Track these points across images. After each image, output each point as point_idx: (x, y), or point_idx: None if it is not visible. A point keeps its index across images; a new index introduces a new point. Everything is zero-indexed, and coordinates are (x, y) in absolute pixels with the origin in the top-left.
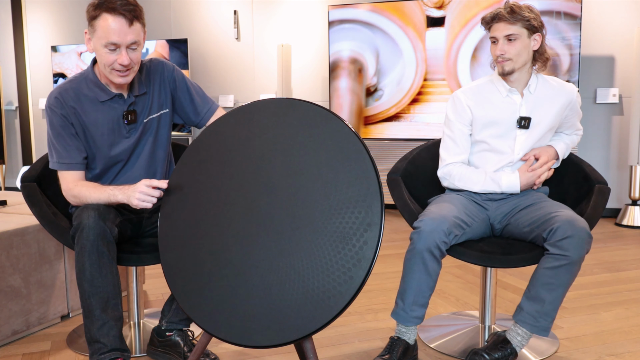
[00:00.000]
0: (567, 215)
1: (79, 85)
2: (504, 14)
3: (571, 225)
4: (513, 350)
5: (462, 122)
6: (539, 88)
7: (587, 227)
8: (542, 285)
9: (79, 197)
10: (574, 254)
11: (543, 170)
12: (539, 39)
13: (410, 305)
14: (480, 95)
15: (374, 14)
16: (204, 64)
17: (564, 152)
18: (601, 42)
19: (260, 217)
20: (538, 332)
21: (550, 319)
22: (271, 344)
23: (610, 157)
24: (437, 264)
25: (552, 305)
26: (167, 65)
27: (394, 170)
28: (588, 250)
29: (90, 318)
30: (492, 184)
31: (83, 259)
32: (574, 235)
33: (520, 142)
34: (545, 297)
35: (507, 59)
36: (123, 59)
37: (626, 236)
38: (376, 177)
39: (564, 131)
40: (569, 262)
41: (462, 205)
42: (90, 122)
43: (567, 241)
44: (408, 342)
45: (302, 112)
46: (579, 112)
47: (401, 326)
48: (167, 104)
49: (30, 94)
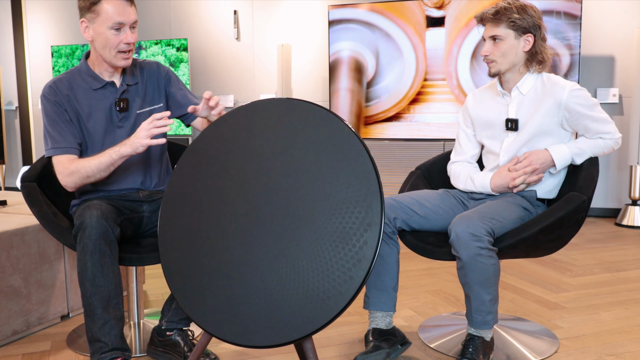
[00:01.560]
0: (463, 215)
1: (72, 76)
2: (488, 15)
3: (456, 226)
4: (479, 338)
5: (464, 124)
6: (532, 89)
7: (471, 228)
8: (463, 284)
9: (78, 170)
10: (463, 255)
11: (518, 174)
12: (531, 39)
13: (370, 290)
14: (481, 98)
15: (374, 14)
16: (204, 64)
17: (568, 157)
18: (601, 42)
19: (260, 217)
20: (477, 326)
21: (483, 313)
22: (271, 344)
23: (610, 157)
24: (387, 246)
25: (477, 301)
26: (162, 65)
27: (420, 166)
28: (481, 247)
29: (91, 317)
30: (470, 183)
31: (85, 258)
32: (455, 237)
33: (506, 144)
34: (468, 294)
35: (491, 60)
36: (129, 37)
37: (626, 236)
38: (376, 177)
39: (584, 134)
40: (463, 263)
41: (429, 196)
42: (84, 110)
43: (453, 242)
44: (379, 327)
45: (302, 112)
46: (588, 114)
47: (371, 315)
48: (160, 99)
49: (30, 94)
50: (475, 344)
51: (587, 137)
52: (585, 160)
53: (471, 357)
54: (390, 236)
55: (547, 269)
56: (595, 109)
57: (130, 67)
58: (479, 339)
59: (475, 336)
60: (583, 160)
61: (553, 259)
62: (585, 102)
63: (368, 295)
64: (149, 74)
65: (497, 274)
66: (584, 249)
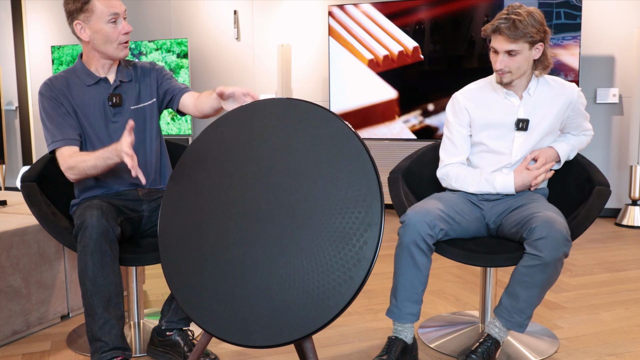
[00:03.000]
0: (546, 216)
1: (67, 74)
2: (505, 30)
3: (547, 226)
4: (495, 341)
5: (460, 124)
6: (538, 90)
7: (564, 230)
8: (518, 283)
9: (77, 167)
10: (547, 255)
11: (540, 172)
12: (541, 48)
13: (402, 302)
14: (478, 97)
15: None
16: (204, 64)
17: (568, 153)
18: (601, 42)
19: (260, 217)
20: (512, 327)
21: (524, 316)
22: (271, 344)
23: (610, 157)
24: (426, 258)
25: (526, 303)
26: (155, 63)
27: (396, 169)
28: (566, 253)
29: (92, 316)
30: (487, 184)
31: (86, 258)
32: (548, 236)
33: (518, 144)
34: (520, 294)
35: (506, 72)
36: (126, 27)
37: (626, 236)
38: (376, 177)
39: (571, 132)
40: (541, 263)
41: (452, 202)
42: (79, 105)
43: (542, 242)
44: (405, 342)
45: (302, 112)
46: (584, 112)
47: (397, 325)
48: (154, 94)
49: (30, 94)
50: (490, 347)
51: (574, 134)
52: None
53: (482, 357)
54: (431, 248)
55: None
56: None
57: (124, 65)
58: (494, 343)
59: (494, 339)
60: (574, 156)
61: None
62: (584, 102)
63: (400, 307)
64: (142, 72)
65: (555, 282)
66: (584, 249)
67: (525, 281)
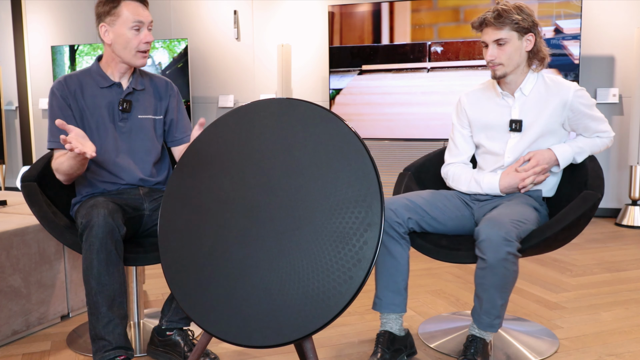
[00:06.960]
0: (492, 217)
1: (83, 74)
2: (490, 19)
3: (488, 228)
4: (481, 340)
5: (461, 125)
6: (534, 89)
7: (503, 231)
8: (477, 285)
9: (59, 169)
10: (490, 257)
11: (528, 175)
12: (532, 39)
13: (382, 291)
14: (478, 99)
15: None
16: (204, 64)
17: (571, 156)
18: (601, 42)
19: (260, 217)
20: (484, 328)
21: (492, 317)
22: (271, 344)
23: (610, 157)
24: (400, 247)
25: (489, 304)
26: (172, 84)
27: (409, 166)
28: (511, 253)
29: (95, 315)
30: (475, 184)
31: (91, 257)
32: (487, 238)
33: (511, 145)
34: (482, 296)
35: (497, 64)
36: (148, 36)
37: (626, 236)
38: (376, 177)
39: (582, 134)
40: (487, 265)
41: (437, 198)
42: (88, 106)
43: (483, 244)
44: (392, 332)
45: (302, 112)
46: (588, 113)
47: (382, 317)
48: (162, 112)
49: (30, 94)
50: (477, 345)
51: (585, 136)
52: (585, 158)
53: (472, 357)
54: (402, 236)
55: (547, 269)
56: (594, 109)
57: (140, 75)
58: (480, 341)
59: (478, 337)
60: (583, 159)
61: (553, 259)
62: (587, 102)
63: (380, 297)
64: (156, 86)
65: (515, 280)
66: (584, 249)
67: (482, 284)
